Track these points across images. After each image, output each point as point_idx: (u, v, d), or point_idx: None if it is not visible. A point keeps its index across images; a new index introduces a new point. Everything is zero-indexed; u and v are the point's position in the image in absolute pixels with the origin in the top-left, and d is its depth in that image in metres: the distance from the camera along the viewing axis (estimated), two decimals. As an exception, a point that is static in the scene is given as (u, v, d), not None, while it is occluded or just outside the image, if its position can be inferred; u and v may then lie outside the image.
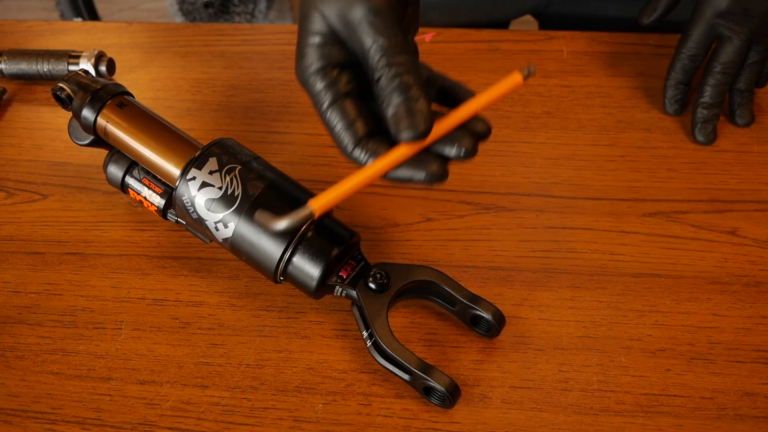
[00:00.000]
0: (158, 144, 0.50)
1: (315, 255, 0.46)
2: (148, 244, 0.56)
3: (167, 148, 0.50)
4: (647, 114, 0.65)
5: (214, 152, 0.48)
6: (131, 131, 0.51)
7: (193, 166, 0.48)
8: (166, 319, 0.51)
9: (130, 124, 0.51)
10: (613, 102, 0.66)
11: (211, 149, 0.48)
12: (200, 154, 0.48)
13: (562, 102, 0.67)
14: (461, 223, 0.57)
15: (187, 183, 0.48)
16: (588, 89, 0.68)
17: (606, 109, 0.66)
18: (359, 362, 0.49)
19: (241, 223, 0.46)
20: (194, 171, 0.48)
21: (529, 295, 0.52)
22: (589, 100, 0.67)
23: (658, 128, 0.64)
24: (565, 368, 0.48)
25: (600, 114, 0.65)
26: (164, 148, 0.50)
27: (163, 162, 0.50)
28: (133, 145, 0.51)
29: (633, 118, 0.65)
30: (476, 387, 0.47)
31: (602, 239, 0.56)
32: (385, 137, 0.42)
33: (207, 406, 0.47)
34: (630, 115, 0.65)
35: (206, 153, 0.48)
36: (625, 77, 0.69)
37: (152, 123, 0.51)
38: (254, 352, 0.49)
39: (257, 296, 0.52)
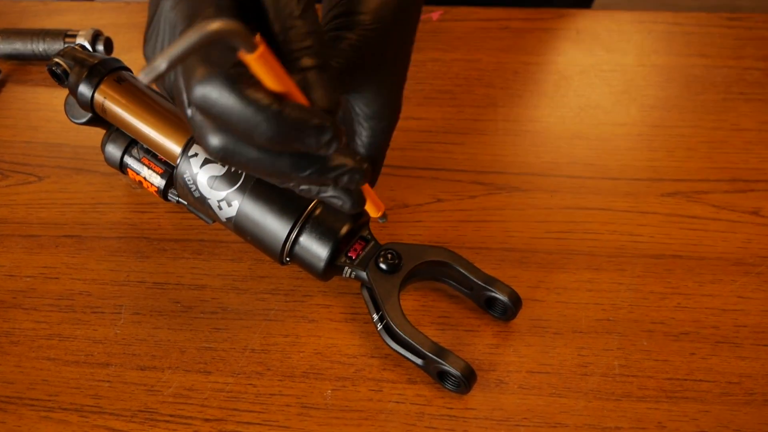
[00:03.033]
0: (158, 120, 0.48)
1: (323, 234, 0.44)
2: (148, 226, 0.54)
3: (168, 124, 0.48)
4: (664, 92, 0.63)
5: (216, 127, 0.46)
6: (130, 107, 0.49)
7: (195, 142, 0.46)
8: (167, 303, 0.49)
9: (129, 99, 0.49)
10: (627, 79, 0.64)
11: (213, 124, 0.46)
12: (202, 129, 0.46)
13: (575, 80, 0.64)
14: (473, 203, 0.55)
15: (189, 160, 0.46)
16: (600, 67, 0.66)
17: (620, 87, 0.64)
18: (369, 347, 0.46)
19: (246, 202, 0.44)
20: (196, 147, 0.46)
21: (546, 277, 0.50)
22: (600, 79, 0.65)
23: (674, 107, 0.62)
24: (584, 352, 0.46)
25: (613, 92, 0.63)
26: (164, 125, 0.48)
27: (164, 139, 0.48)
28: (131, 121, 0.49)
29: (649, 96, 0.63)
30: (492, 372, 0.45)
31: (620, 220, 0.53)
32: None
33: (210, 392, 0.44)
34: (646, 93, 0.63)
35: (208, 128, 0.46)
36: (638, 55, 0.67)
37: (152, 99, 0.49)
38: (259, 337, 0.47)
39: (262, 279, 0.50)
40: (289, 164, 0.33)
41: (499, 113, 0.62)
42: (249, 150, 0.33)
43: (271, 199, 0.44)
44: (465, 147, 0.59)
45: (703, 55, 0.67)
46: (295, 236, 0.44)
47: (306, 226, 0.44)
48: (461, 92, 0.64)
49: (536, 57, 0.67)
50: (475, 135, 0.60)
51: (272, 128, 0.31)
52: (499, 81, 0.65)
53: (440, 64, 0.66)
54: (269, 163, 0.33)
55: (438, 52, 0.67)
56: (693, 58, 0.67)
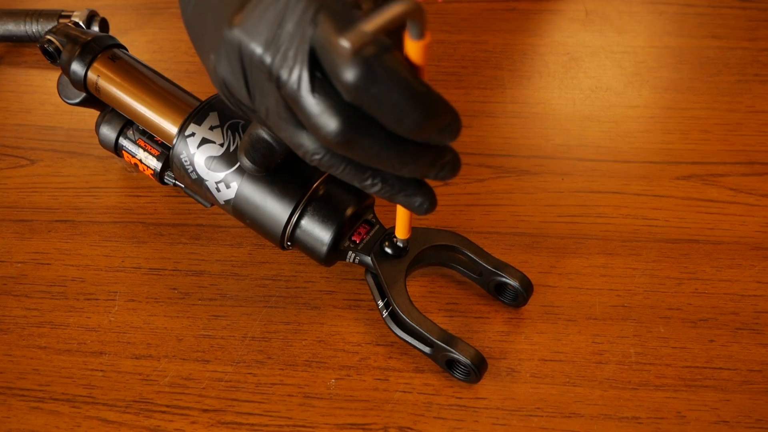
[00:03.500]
0: (154, 99, 0.46)
1: (325, 217, 0.42)
2: (144, 211, 0.52)
3: (164, 103, 0.46)
4: (677, 74, 0.61)
5: (215, 106, 0.44)
6: (124, 86, 0.47)
7: (192, 121, 0.44)
8: (163, 290, 0.47)
9: (123, 78, 0.47)
10: (638, 61, 0.62)
11: (211, 103, 0.44)
12: (200, 108, 0.44)
13: (581, 61, 0.62)
14: (481, 187, 0.53)
15: (186, 140, 0.44)
16: (611, 48, 0.64)
17: (631, 68, 0.62)
18: (374, 334, 0.45)
19: (245, 183, 0.42)
20: (193, 126, 0.44)
21: (557, 263, 0.48)
22: (611, 60, 0.63)
23: (688, 89, 0.60)
24: (599, 340, 0.44)
25: (625, 74, 0.61)
26: (160, 104, 0.46)
27: (160, 119, 0.46)
28: (126, 100, 0.47)
29: (661, 78, 0.61)
30: (503, 360, 0.43)
31: (634, 203, 0.52)
32: None
33: (209, 381, 0.43)
34: (658, 75, 0.61)
35: (206, 107, 0.44)
36: (650, 36, 0.65)
37: (147, 77, 0.47)
38: (260, 324, 0.45)
39: (262, 265, 0.48)
40: (413, 151, 0.31)
41: (507, 95, 0.60)
42: (374, 134, 0.30)
43: (272, 180, 0.42)
44: (472, 130, 0.57)
45: (716, 36, 0.65)
46: (297, 219, 0.42)
47: (308, 208, 0.42)
48: (468, 74, 0.62)
49: (544, 39, 0.65)
50: (482, 117, 0.58)
51: (424, 114, 0.29)
52: (507, 63, 0.63)
53: (446, 45, 0.64)
54: (395, 150, 0.31)
55: (444, 34, 0.65)
56: (706, 39, 0.65)
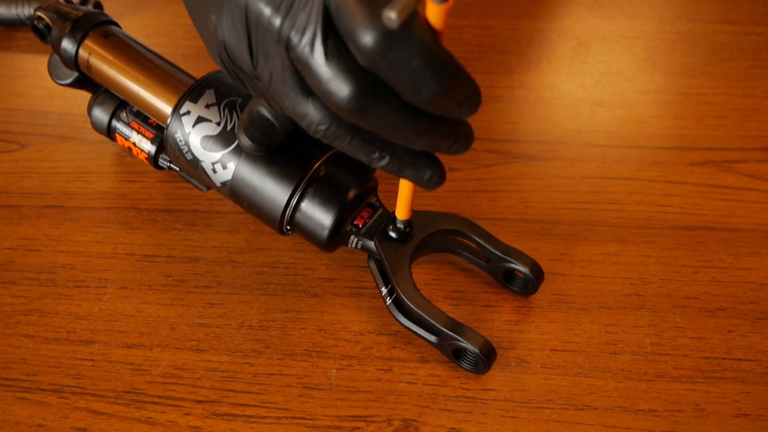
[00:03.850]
0: (148, 77, 0.44)
1: (327, 199, 0.40)
2: (138, 196, 0.50)
3: (158, 81, 0.44)
4: (690, 59, 0.59)
5: (211, 83, 0.42)
6: (117, 64, 0.45)
7: (188, 99, 0.42)
8: (157, 277, 0.45)
9: (116, 55, 0.45)
10: (650, 46, 0.60)
11: (208, 80, 0.42)
12: (195, 85, 0.42)
13: (591, 45, 0.60)
14: (488, 172, 0.51)
15: (180, 119, 0.42)
16: (621, 33, 0.62)
17: (642, 53, 0.60)
18: (377, 323, 0.43)
19: (242, 164, 0.40)
20: (188, 104, 0.42)
21: (568, 250, 0.46)
22: (622, 45, 0.61)
23: (702, 74, 0.58)
24: (612, 329, 0.42)
25: (636, 59, 0.59)
26: (155, 82, 0.44)
27: (153, 98, 0.44)
28: (119, 79, 0.45)
29: (673, 63, 0.59)
30: (512, 350, 0.41)
31: (647, 190, 0.50)
32: None
33: (203, 371, 0.41)
34: (670, 60, 0.59)
35: (203, 84, 0.42)
36: (661, 21, 0.63)
37: (141, 55, 0.45)
38: (257, 312, 0.43)
39: (260, 251, 0.46)
40: (428, 122, 0.29)
41: (514, 80, 0.58)
42: (389, 102, 0.28)
43: (270, 161, 0.40)
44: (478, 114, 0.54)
45: (729, 21, 0.63)
46: (297, 202, 0.40)
47: (308, 190, 0.40)
48: (474, 59, 0.60)
49: (552, 24, 0.63)
50: (488, 102, 0.56)
51: (445, 83, 0.27)
52: (514, 47, 0.61)
53: (451, 30, 0.62)
54: (410, 120, 0.29)
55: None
56: (719, 24, 0.63)
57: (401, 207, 0.39)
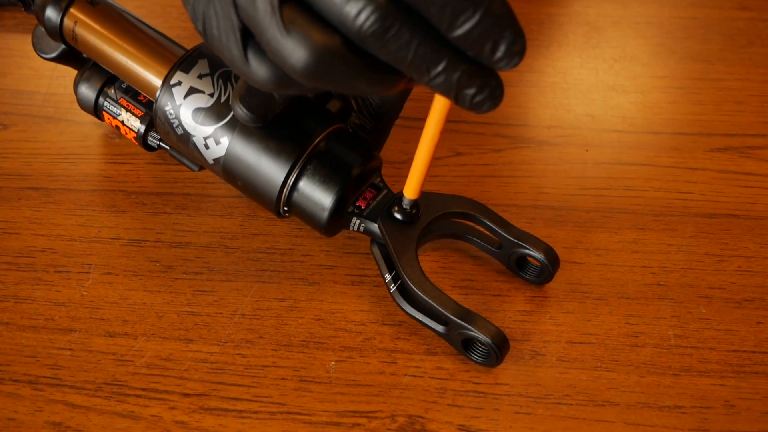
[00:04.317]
0: (137, 47, 0.41)
1: (327, 178, 0.37)
2: (126, 179, 0.47)
3: (148, 51, 0.41)
4: (705, 45, 0.57)
5: (205, 53, 0.39)
6: (104, 33, 0.42)
7: (179, 69, 0.39)
8: (143, 262, 0.42)
9: (103, 24, 0.42)
10: (664, 33, 0.58)
11: (201, 50, 0.39)
12: (187, 55, 0.39)
13: (606, 31, 0.58)
14: (497, 157, 0.48)
15: (171, 90, 0.39)
16: (632, 19, 0.59)
17: (656, 39, 0.57)
18: (380, 312, 0.40)
19: (237, 139, 0.37)
20: (180, 75, 0.39)
21: (584, 237, 0.43)
22: (639, 31, 0.58)
23: (718, 60, 0.55)
24: (633, 320, 0.39)
25: (650, 44, 0.57)
26: (144, 52, 0.41)
27: (143, 69, 0.41)
28: (105, 50, 0.42)
29: (689, 48, 0.56)
30: (525, 342, 0.38)
31: (665, 176, 0.47)
32: None
33: (191, 362, 0.37)
34: (686, 45, 0.57)
35: (195, 54, 0.39)
36: (676, 7, 0.60)
37: (130, 24, 0.42)
38: (251, 301, 0.40)
39: (255, 237, 0.43)
40: (453, 56, 0.26)
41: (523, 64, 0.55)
42: (413, 28, 0.25)
43: (267, 135, 0.37)
44: (486, 99, 0.53)
45: (745, 8, 0.60)
46: (295, 180, 0.37)
47: (308, 167, 0.37)
48: (480, 43, 0.57)
49: (562, 8, 0.61)
50: (497, 86, 0.53)
51: (485, 15, 0.25)
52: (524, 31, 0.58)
53: (456, 13, 0.60)
54: (434, 49, 0.26)
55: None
56: (735, 11, 0.60)
57: (412, 183, 0.36)
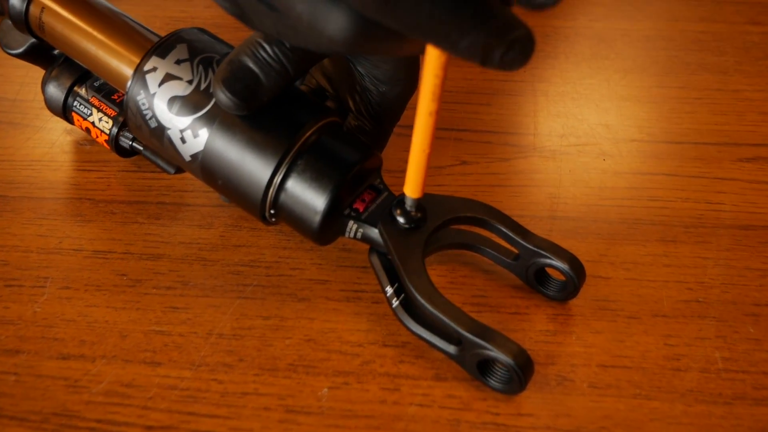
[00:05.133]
0: (109, 34, 0.37)
1: (320, 175, 0.33)
2: (95, 186, 0.42)
3: (121, 38, 0.37)
4: (721, 57, 0.54)
5: (185, 38, 0.35)
6: (72, 21, 0.37)
7: (155, 54, 0.34)
8: (109, 276, 0.37)
9: (72, 10, 0.38)
10: (676, 45, 0.55)
11: (180, 34, 0.35)
12: (165, 39, 0.35)
13: (615, 43, 0.55)
14: (506, 166, 0.44)
15: (144, 77, 0.34)
16: (643, 32, 0.56)
17: (668, 51, 0.54)
18: (380, 332, 0.34)
19: (217, 131, 0.33)
20: (155, 60, 0.34)
21: (608, 250, 0.38)
22: (648, 43, 0.55)
23: (736, 71, 0.52)
24: (672, 341, 0.34)
25: (663, 56, 0.54)
26: (117, 40, 0.37)
27: (114, 59, 0.37)
28: (74, 39, 0.37)
29: (704, 60, 0.53)
30: (550, 366, 0.33)
31: (692, 186, 0.43)
32: None
33: (157, 389, 0.32)
34: (700, 57, 0.53)
35: (173, 38, 0.35)
36: (687, 21, 0.57)
37: (102, 11, 0.38)
38: (231, 319, 0.35)
39: (237, 248, 0.38)
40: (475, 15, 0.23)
41: (529, 75, 0.52)
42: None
43: (251, 126, 0.33)
44: (492, 108, 0.49)
45: (757, 22, 0.58)
46: (282, 178, 0.33)
47: (297, 162, 0.33)
48: (483, 53, 0.54)
49: (568, 21, 0.58)
50: (503, 96, 0.50)
51: None
52: (528, 43, 0.55)
53: (457, 25, 0.56)
54: (453, 12, 0.22)
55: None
56: (747, 25, 0.58)
57: (411, 181, 0.32)
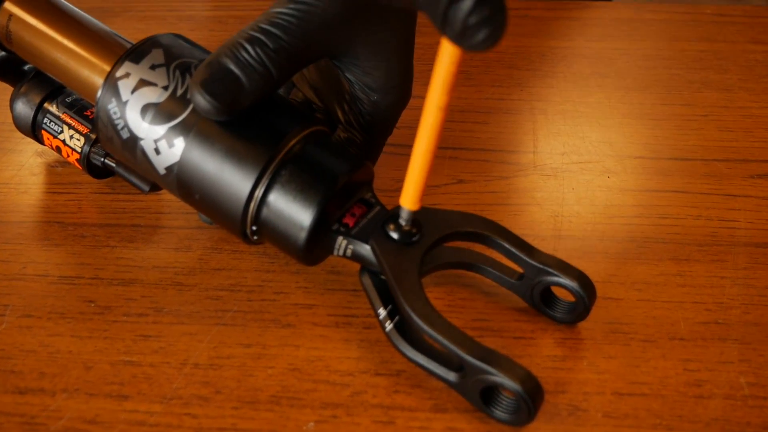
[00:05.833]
0: (80, 42, 0.35)
1: (306, 187, 0.30)
2: (64, 209, 0.39)
3: (92, 46, 0.34)
4: (724, 75, 0.52)
5: (161, 43, 0.33)
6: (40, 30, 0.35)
7: (128, 59, 0.32)
8: (75, 303, 0.33)
9: (41, 18, 0.35)
10: (678, 64, 0.53)
11: (156, 39, 0.33)
12: (139, 44, 0.33)
13: (615, 63, 0.53)
14: (505, 185, 0.41)
15: (116, 84, 0.32)
16: (643, 52, 0.55)
17: (671, 70, 0.52)
18: (372, 360, 0.31)
19: (194, 140, 0.30)
20: (128, 66, 0.32)
21: (618, 270, 0.36)
22: (649, 62, 0.53)
23: (741, 89, 0.50)
24: (693, 366, 0.31)
25: (665, 75, 0.52)
26: (88, 48, 0.34)
27: (85, 68, 0.34)
28: (43, 48, 0.35)
29: (707, 78, 0.51)
30: (561, 394, 0.30)
31: (703, 203, 0.40)
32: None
33: (124, 426, 0.28)
34: (703, 75, 0.52)
35: (149, 43, 0.33)
36: (687, 41, 0.56)
37: (73, 17, 0.36)
38: (208, 347, 0.32)
39: (217, 272, 0.35)
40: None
41: (526, 93, 0.50)
42: None
43: (231, 134, 0.30)
44: (489, 126, 0.47)
45: (759, 41, 0.56)
46: (265, 190, 0.30)
47: (281, 173, 0.30)
48: (478, 73, 0.52)
49: (564, 42, 0.56)
50: (500, 114, 0.48)
51: None
52: (524, 63, 0.53)
53: (450, 45, 0.55)
54: None
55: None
56: (748, 44, 0.56)
57: (410, 190, 0.29)
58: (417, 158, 0.28)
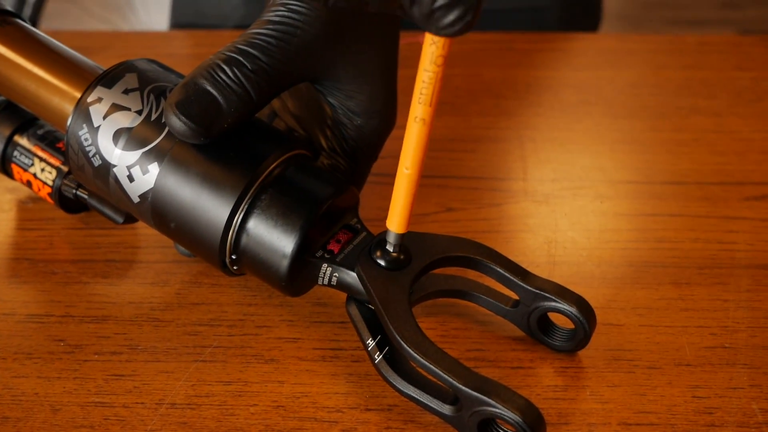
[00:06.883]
0: (50, 69, 0.33)
1: (287, 212, 0.28)
2: (34, 245, 0.37)
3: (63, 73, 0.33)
4: (713, 101, 0.51)
5: (135, 66, 0.32)
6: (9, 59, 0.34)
7: (100, 84, 0.31)
8: (43, 342, 0.31)
9: (12, 46, 0.34)
10: (665, 91, 0.53)
11: (129, 64, 0.32)
12: (112, 69, 0.32)
13: (602, 91, 0.53)
14: (496, 211, 0.40)
15: (88, 110, 0.30)
16: (629, 80, 0.54)
17: (658, 97, 0.52)
18: (362, 394, 0.29)
19: (169, 166, 0.29)
20: (100, 90, 0.31)
21: (617, 296, 0.34)
22: (636, 89, 0.53)
23: (731, 114, 0.50)
24: (701, 393, 0.29)
25: (653, 102, 0.51)
26: (58, 75, 0.33)
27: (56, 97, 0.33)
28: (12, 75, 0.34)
29: (696, 104, 0.51)
30: (564, 426, 0.28)
31: (700, 226, 0.39)
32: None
33: (92, 473, 0.26)
34: (691, 102, 0.51)
35: (122, 68, 0.32)
36: (672, 69, 0.56)
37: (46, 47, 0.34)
38: (185, 385, 0.29)
39: (195, 307, 0.33)
40: None
41: (513, 122, 0.49)
42: None
43: (208, 159, 0.29)
44: (477, 154, 0.46)
45: (744, 68, 0.56)
46: (244, 216, 0.29)
47: (261, 198, 0.29)
48: (465, 103, 0.51)
49: (549, 72, 0.56)
50: (487, 143, 0.47)
51: None
52: (510, 92, 0.53)
53: (436, 77, 0.54)
54: None
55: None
56: (734, 71, 0.56)
57: (396, 212, 0.28)
58: (402, 177, 0.27)
